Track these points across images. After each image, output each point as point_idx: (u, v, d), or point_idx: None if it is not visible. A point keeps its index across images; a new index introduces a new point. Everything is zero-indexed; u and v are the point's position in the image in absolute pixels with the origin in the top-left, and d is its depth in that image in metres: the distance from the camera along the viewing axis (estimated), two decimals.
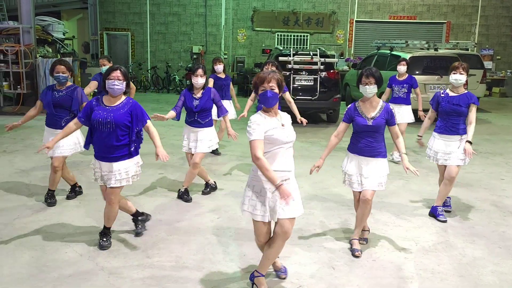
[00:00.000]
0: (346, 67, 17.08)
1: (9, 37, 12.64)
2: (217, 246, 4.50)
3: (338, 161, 6.58)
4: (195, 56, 18.41)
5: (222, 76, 8.17)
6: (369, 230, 4.78)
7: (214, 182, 6.23)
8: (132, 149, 4.30)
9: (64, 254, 4.26)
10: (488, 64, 17.45)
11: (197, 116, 5.66)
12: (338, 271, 4.07)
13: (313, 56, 10.94)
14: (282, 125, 3.47)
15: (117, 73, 4.19)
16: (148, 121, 4.39)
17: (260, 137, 3.34)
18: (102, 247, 4.40)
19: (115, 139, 4.20)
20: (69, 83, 5.47)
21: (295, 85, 10.94)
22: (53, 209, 5.39)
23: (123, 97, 4.33)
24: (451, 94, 5.25)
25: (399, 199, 5.98)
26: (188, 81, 5.92)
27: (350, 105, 4.48)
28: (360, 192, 4.41)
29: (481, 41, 19.06)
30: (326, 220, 5.22)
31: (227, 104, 7.97)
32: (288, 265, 4.14)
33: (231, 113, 8.09)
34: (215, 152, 8.15)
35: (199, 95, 5.68)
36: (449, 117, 5.19)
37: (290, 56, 10.85)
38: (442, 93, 5.31)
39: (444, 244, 4.65)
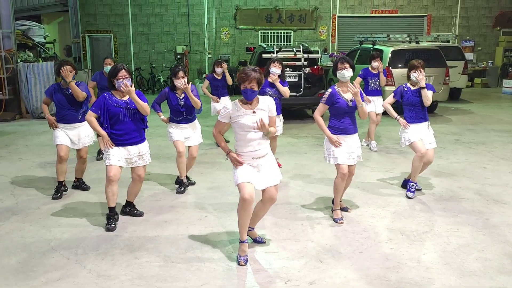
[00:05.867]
0: (330, 63, 17.14)
1: None
2: (205, 244, 4.51)
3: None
4: (179, 56, 18.35)
5: (219, 77, 8.74)
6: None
7: (187, 179, 6.31)
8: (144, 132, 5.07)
9: (51, 258, 4.24)
10: (469, 56, 17.68)
11: (185, 114, 5.96)
12: (325, 264, 4.11)
13: (297, 53, 10.99)
14: (253, 112, 3.96)
15: (123, 73, 4.74)
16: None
17: (223, 120, 4.06)
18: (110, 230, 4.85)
19: (140, 123, 4.94)
20: (74, 81, 5.85)
21: None
22: (38, 213, 5.35)
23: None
24: (412, 88, 5.76)
25: (384, 191, 6.05)
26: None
27: (330, 89, 4.94)
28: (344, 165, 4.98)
29: (461, 32, 19.28)
30: (313, 215, 5.26)
31: (227, 100, 8.80)
32: (276, 259, 4.18)
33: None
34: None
35: (182, 95, 5.91)
36: (416, 108, 5.73)
37: (273, 53, 10.87)
38: (405, 87, 5.80)
39: (429, 234, 4.72)
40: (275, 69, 6.63)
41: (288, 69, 10.98)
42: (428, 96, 5.58)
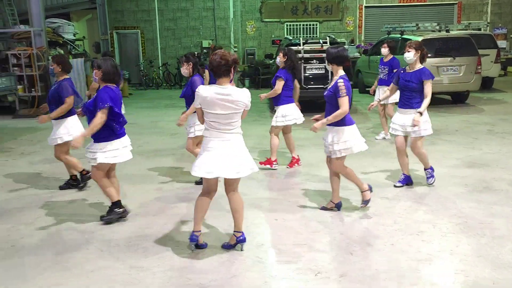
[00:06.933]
0: (357, 54, 16.92)
1: (21, 41, 12.81)
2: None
3: None
4: (205, 51, 18.43)
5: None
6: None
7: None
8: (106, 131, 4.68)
9: (86, 250, 4.34)
10: (502, 43, 17.14)
11: (185, 103, 6.06)
12: (355, 256, 4.08)
13: (323, 44, 10.88)
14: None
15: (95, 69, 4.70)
16: (99, 110, 4.54)
17: None
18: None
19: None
20: (65, 77, 5.81)
21: (306, 74, 10.88)
22: (71, 207, 5.48)
23: (102, 86, 4.70)
24: (407, 71, 5.64)
25: (416, 185, 5.94)
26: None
27: None
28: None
29: (493, 20, 18.72)
30: (342, 207, 5.22)
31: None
32: (305, 252, 4.17)
33: None
34: None
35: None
36: (403, 92, 5.62)
37: (300, 46, 10.80)
38: (402, 70, 5.74)
39: (462, 226, 4.63)
40: (277, 59, 6.82)
41: (314, 61, 10.90)
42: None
